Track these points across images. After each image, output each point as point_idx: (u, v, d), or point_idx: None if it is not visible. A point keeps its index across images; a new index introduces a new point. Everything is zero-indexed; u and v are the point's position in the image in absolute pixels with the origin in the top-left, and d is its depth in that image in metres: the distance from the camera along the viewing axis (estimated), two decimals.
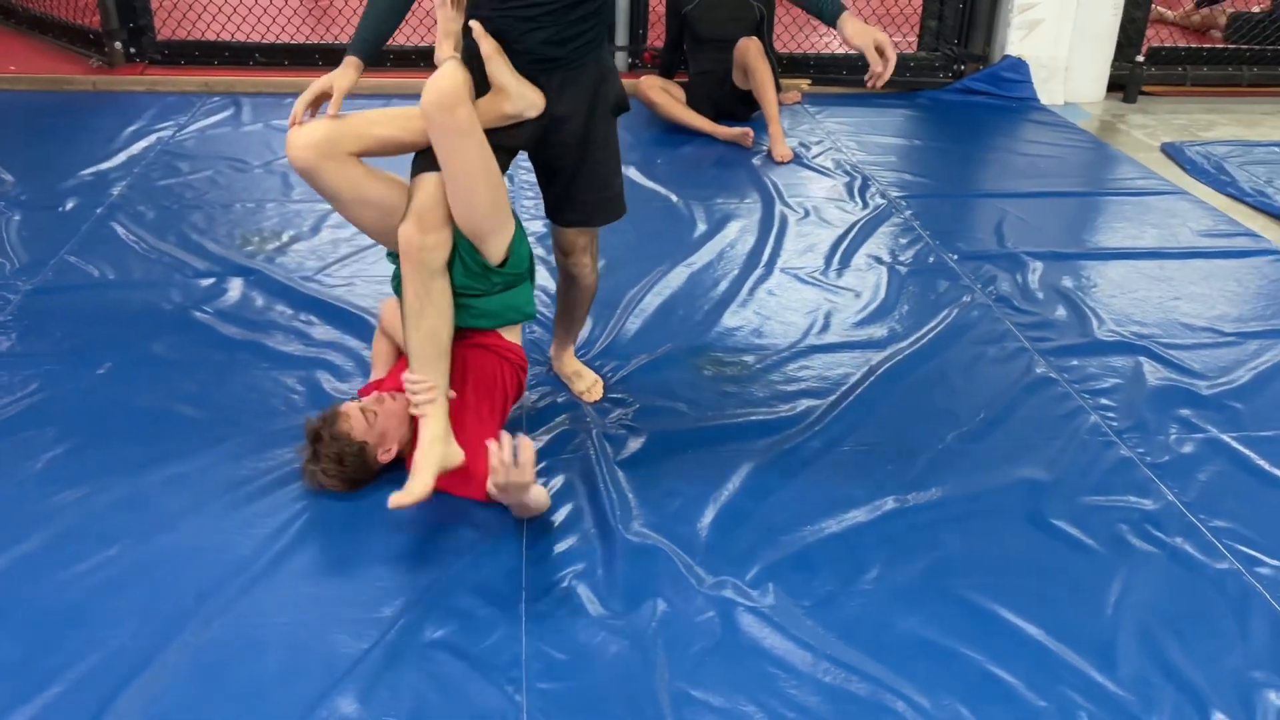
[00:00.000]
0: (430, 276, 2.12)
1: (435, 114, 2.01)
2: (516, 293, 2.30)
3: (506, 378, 2.36)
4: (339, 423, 2.22)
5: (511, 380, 2.38)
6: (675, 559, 2.11)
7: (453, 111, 2.00)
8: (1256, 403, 2.73)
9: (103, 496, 2.25)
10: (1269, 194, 4.11)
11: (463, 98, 2.02)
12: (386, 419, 2.24)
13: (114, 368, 2.72)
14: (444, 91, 1.99)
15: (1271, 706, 1.83)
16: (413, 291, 2.12)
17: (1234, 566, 2.15)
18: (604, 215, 2.40)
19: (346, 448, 2.20)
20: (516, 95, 2.14)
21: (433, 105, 2.01)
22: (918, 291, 3.28)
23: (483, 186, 2.10)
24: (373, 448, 2.24)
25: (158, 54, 5.21)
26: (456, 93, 2.00)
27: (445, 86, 2.00)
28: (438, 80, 2.01)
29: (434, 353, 2.14)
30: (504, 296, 2.29)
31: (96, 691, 1.78)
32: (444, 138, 2.04)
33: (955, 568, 2.13)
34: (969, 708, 1.80)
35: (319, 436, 2.22)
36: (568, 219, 2.39)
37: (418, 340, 2.14)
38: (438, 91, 2.00)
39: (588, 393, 2.64)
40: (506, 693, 1.81)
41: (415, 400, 2.13)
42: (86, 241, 3.40)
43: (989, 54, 5.42)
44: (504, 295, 2.28)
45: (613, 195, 2.37)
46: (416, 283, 2.12)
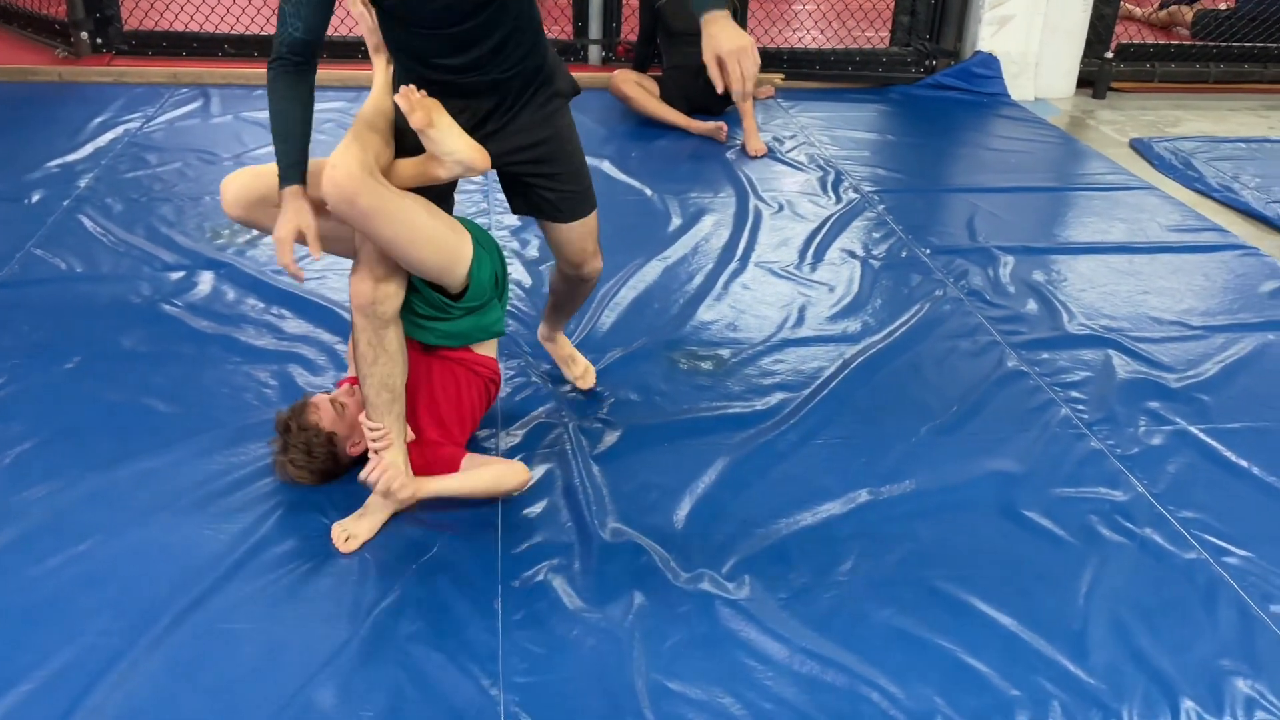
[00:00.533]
0: (383, 325, 2.06)
1: (338, 207, 1.91)
2: (483, 314, 2.25)
3: (475, 391, 2.33)
4: (307, 413, 2.21)
5: (480, 394, 2.34)
6: (651, 553, 2.12)
7: (353, 202, 1.90)
8: (1224, 395, 2.77)
9: (73, 492, 2.23)
10: (1235, 189, 4.17)
11: (359, 186, 1.89)
12: (356, 410, 2.24)
13: (82, 362, 2.68)
14: (338, 185, 1.88)
15: (1239, 694, 1.86)
16: (365, 340, 2.06)
17: (1202, 556, 2.18)
18: (586, 205, 2.32)
19: (314, 438, 2.19)
20: (451, 164, 2.03)
21: (332, 200, 1.90)
22: (890, 285, 3.30)
23: (418, 245, 2.02)
24: (342, 439, 2.23)
25: (125, 44, 5.15)
26: (350, 183, 1.88)
27: (339, 179, 1.88)
28: (330, 173, 1.89)
29: (389, 398, 2.10)
30: (471, 319, 2.25)
31: (68, 688, 1.76)
32: (356, 224, 1.95)
33: (928, 559, 2.15)
34: (943, 697, 1.82)
35: (288, 427, 2.22)
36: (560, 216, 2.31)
37: (372, 388, 2.09)
38: (332, 185, 1.88)
39: (582, 379, 2.65)
40: (483, 687, 1.80)
41: (374, 448, 2.11)
42: (53, 234, 3.36)
43: (960, 50, 5.46)
44: (470, 318, 2.25)
45: (584, 188, 2.32)
46: (369, 332, 2.05)
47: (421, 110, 1.96)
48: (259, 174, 2.10)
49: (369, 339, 2.07)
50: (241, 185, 2.09)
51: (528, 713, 1.76)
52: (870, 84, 5.42)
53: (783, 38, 5.75)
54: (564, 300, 2.59)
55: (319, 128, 4.50)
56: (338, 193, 1.89)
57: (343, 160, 1.90)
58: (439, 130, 1.99)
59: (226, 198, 2.10)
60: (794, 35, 5.91)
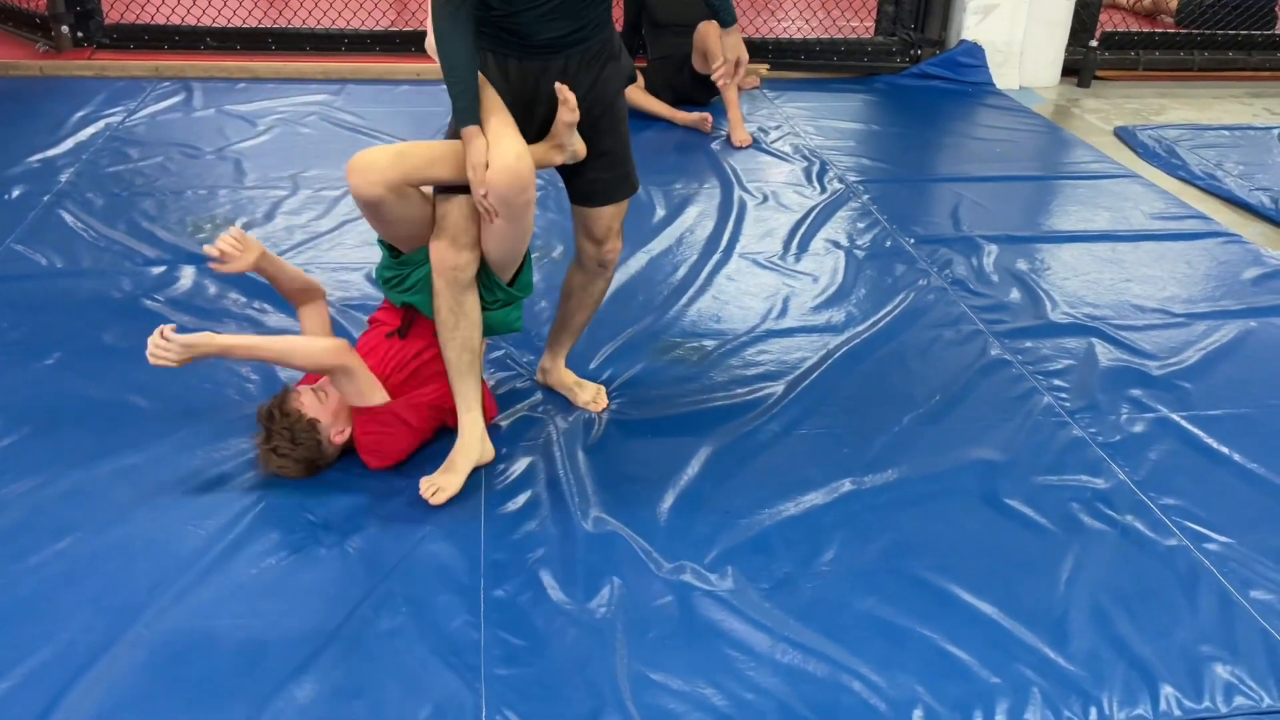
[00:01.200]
0: (462, 291, 2.19)
1: (509, 194, 2.05)
2: (509, 310, 2.34)
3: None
4: (290, 400, 2.22)
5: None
6: (634, 544, 2.12)
7: (524, 191, 2.05)
8: (1205, 382, 2.78)
9: (53, 488, 2.22)
10: (1219, 177, 4.18)
11: (534, 178, 2.07)
12: (339, 399, 2.24)
13: (63, 358, 2.67)
14: (520, 175, 2.03)
15: (1219, 680, 1.87)
16: (446, 306, 2.19)
17: (1183, 543, 2.19)
18: (625, 189, 2.35)
19: (298, 424, 2.19)
20: (570, 154, 2.20)
21: (506, 187, 2.03)
22: (875, 275, 3.30)
23: (523, 242, 2.21)
24: (325, 426, 2.23)
25: (106, 38, 5.11)
26: (530, 175, 2.05)
27: (523, 171, 2.03)
28: (516, 164, 2.02)
29: (470, 359, 2.25)
30: (501, 312, 2.32)
31: (48, 685, 1.75)
32: (511, 210, 2.08)
33: (911, 548, 2.15)
34: (924, 685, 1.83)
35: (271, 415, 2.21)
36: (596, 200, 2.33)
37: (454, 351, 2.23)
38: (514, 176, 2.02)
39: (593, 403, 2.57)
40: (465, 679, 1.80)
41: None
42: (34, 230, 3.34)
43: (945, 39, 5.46)
44: (501, 311, 2.32)
45: (630, 169, 2.35)
46: (449, 297, 2.18)
47: (574, 110, 2.12)
48: (402, 154, 2.08)
49: (450, 305, 2.18)
50: (386, 165, 2.05)
51: (509, 705, 1.76)
52: (855, 74, 5.42)
53: (768, 28, 5.74)
54: (575, 307, 2.52)
55: (301, 121, 4.51)
56: (518, 183, 2.03)
57: (525, 152, 2.05)
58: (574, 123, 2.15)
59: (369, 176, 2.04)
60: (779, 25, 5.90)
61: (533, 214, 2.15)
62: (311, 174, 3.87)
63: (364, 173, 2.05)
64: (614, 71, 2.22)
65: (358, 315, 2.93)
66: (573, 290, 2.51)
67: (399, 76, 5.05)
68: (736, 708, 1.77)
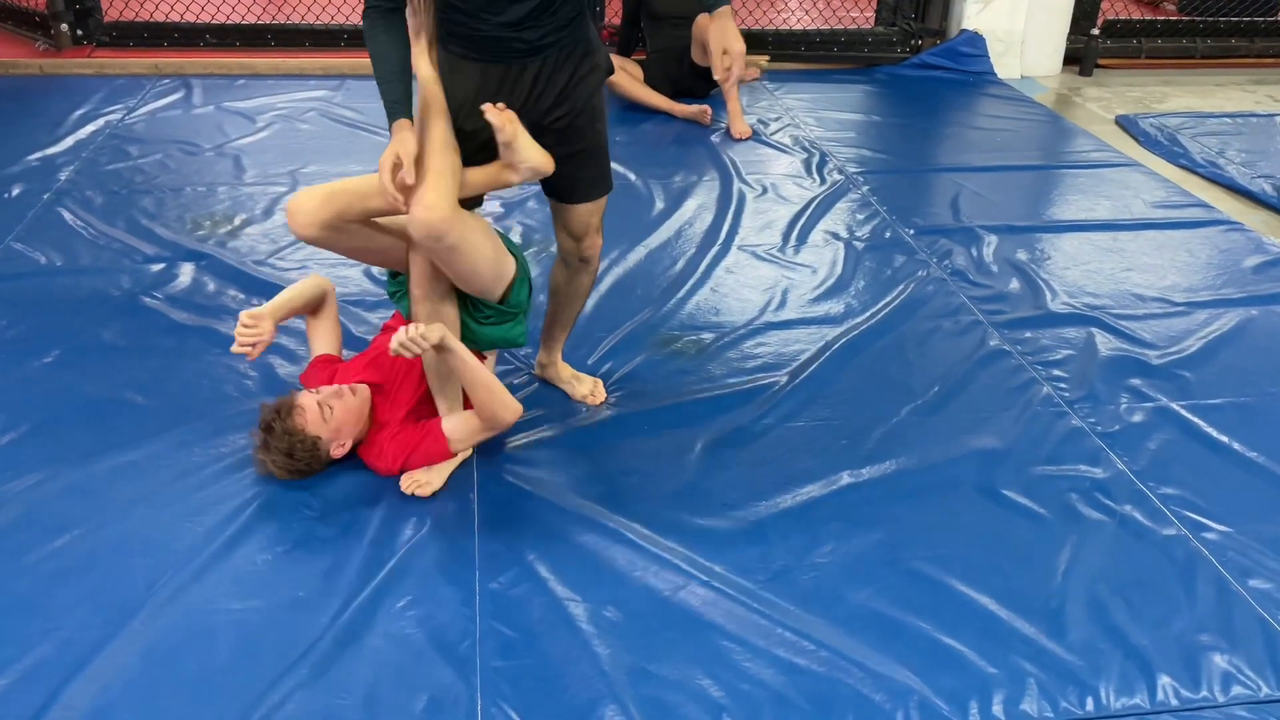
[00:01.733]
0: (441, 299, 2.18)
1: (425, 242, 2.02)
2: (509, 326, 2.32)
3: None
4: (293, 417, 2.19)
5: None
6: (630, 535, 2.12)
7: (441, 239, 2.00)
8: (1205, 371, 2.77)
9: (51, 485, 2.22)
10: (1220, 165, 4.16)
11: (451, 223, 1.99)
12: (344, 415, 2.22)
13: (62, 355, 2.68)
14: (431, 227, 1.97)
15: (1216, 669, 1.86)
16: (424, 314, 2.18)
17: (1181, 533, 2.19)
18: (602, 187, 2.35)
19: (298, 442, 2.18)
20: (525, 170, 2.13)
21: (421, 236, 2.00)
22: (874, 266, 3.30)
23: (477, 275, 2.15)
24: (326, 442, 2.22)
25: (105, 36, 5.11)
26: (445, 222, 1.98)
27: (434, 222, 1.97)
28: (425, 215, 1.96)
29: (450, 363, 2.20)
30: (498, 328, 2.30)
31: (46, 681, 1.76)
32: (437, 255, 2.06)
33: (908, 540, 2.15)
34: (921, 677, 1.83)
35: (271, 428, 2.20)
36: (573, 197, 2.33)
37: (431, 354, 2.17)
38: (424, 227, 1.97)
39: (591, 396, 2.58)
40: (461, 671, 1.81)
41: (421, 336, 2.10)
42: (33, 228, 3.34)
43: (946, 28, 5.43)
44: (497, 328, 2.30)
45: (607, 167, 2.35)
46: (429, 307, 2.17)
47: (510, 124, 2.05)
48: (334, 193, 2.08)
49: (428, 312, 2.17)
50: (318, 206, 2.05)
51: (504, 697, 1.76)
52: (856, 64, 5.40)
53: (768, 19, 5.72)
54: (564, 301, 2.52)
55: (301, 117, 4.51)
56: (428, 232, 1.99)
57: (437, 201, 1.98)
58: (520, 140, 2.08)
59: (300, 219, 2.04)
60: (779, 16, 5.89)
61: (471, 250, 2.07)
62: (311, 170, 3.87)
63: (295, 215, 2.05)
64: (590, 69, 2.19)
65: (356, 311, 2.93)
66: (559, 286, 2.51)
67: None
68: (733, 699, 1.78)
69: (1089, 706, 1.79)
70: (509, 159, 2.12)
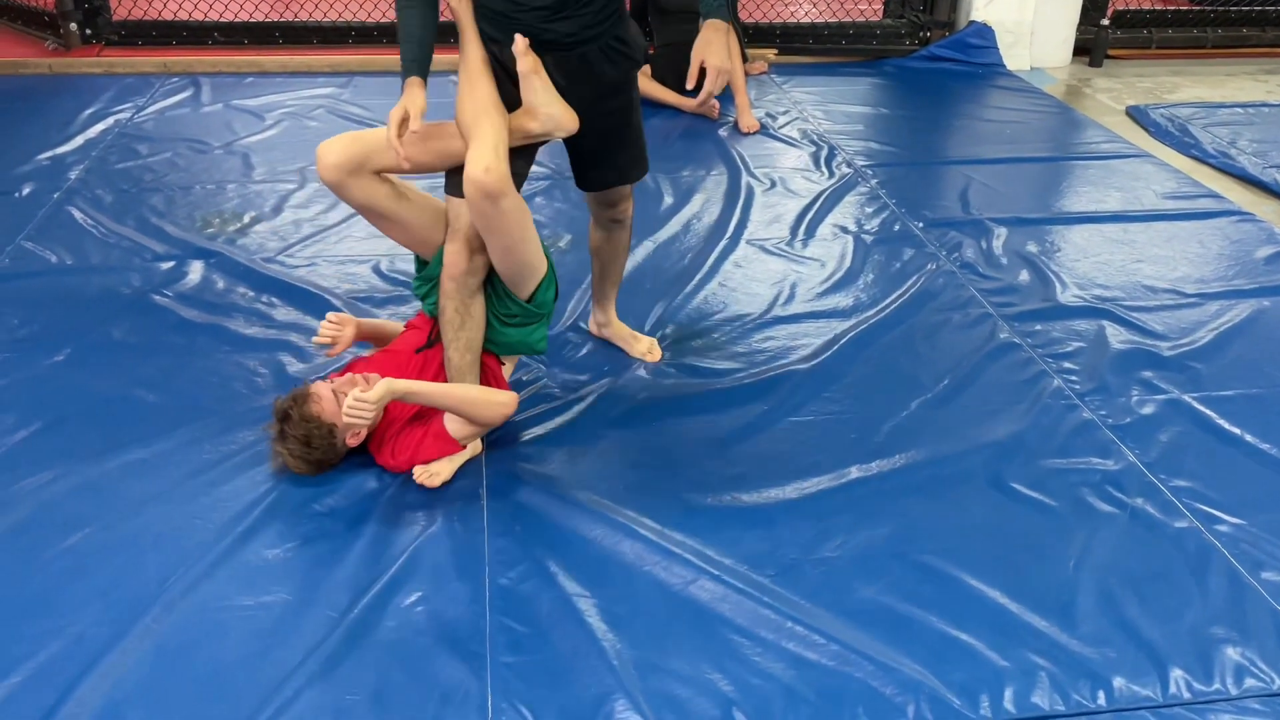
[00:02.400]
0: (471, 294, 2.20)
1: (480, 204, 2.02)
2: (532, 329, 2.33)
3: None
4: (309, 404, 2.20)
5: None
6: (639, 529, 2.12)
7: (498, 200, 2.01)
8: (1217, 363, 2.75)
9: (63, 483, 2.23)
10: (1232, 155, 4.14)
11: (506, 188, 2.01)
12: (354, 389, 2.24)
13: (72, 354, 2.69)
14: (487, 188, 1.99)
15: (1229, 662, 1.86)
16: (453, 308, 2.20)
17: (1193, 525, 2.18)
18: (638, 171, 2.43)
19: (315, 430, 2.19)
20: (545, 117, 2.14)
21: (478, 197, 2.01)
22: (883, 260, 3.29)
23: (520, 249, 2.16)
24: (342, 431, 2.22)
25: (114, 34, 5.13)
26: (500, 185, 1.99)
27: (490, 183, 1.98)
28: (482, 176, 1.98)
29: (471, 359, 2.26)
30: (520, 331, 2.31)
31: (59, 678, 1.77)
32: (483, 220, 2.06)
33: (918, 533, 2.14)
34: (931, 670, 1.82)
35: (287, 416, 2.21)
36: (606, 181, 2.39)
37: (458, 351, 2.23)
38: (480, 187, 1.99)
39: (649, 353, 2.69)
40: (471, 667, 1.81)
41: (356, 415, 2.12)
42: (43, 227, 3.35)
43: (954, 20, 5.41)
44: (520, 330, 2.31)
45: (643, 149, 2.41)
46: (458, 299, 2.19)
47: (531, 54, 2.08)
48: (358, 138, 2.13)
49: (457, 306, 2.19)
50: (341, 149, 2.10)
51: (515, 693, 1.76)
52: (864, 57, 5.38)
53: (775, 12, 5.71)
54: (605, 257, 2.61)
55: (309, 114, 4.51)
56: (485, 193, 2.00)
57: (496, 163, 1.99)
58: (541, 79, 2.10)
59: (325, 161, 2.10)
60: (787, 9, 5.87)
61: (520, 222, 2.10)
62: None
63: (321, 157, 2.10)
64: (628, 62, 2.23)
65: (365, 308, 2.93)
66: (599, 246, 2.61)
67: None
68: (743, 693, 1.77)
69: (1100, 700, 1.78)
70: (528, 99, 2.13)
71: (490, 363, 2.35)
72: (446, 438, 2.22)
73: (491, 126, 2.05)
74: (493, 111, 2.08)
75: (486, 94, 2.10)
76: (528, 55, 2.09)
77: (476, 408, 2.21)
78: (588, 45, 2.14)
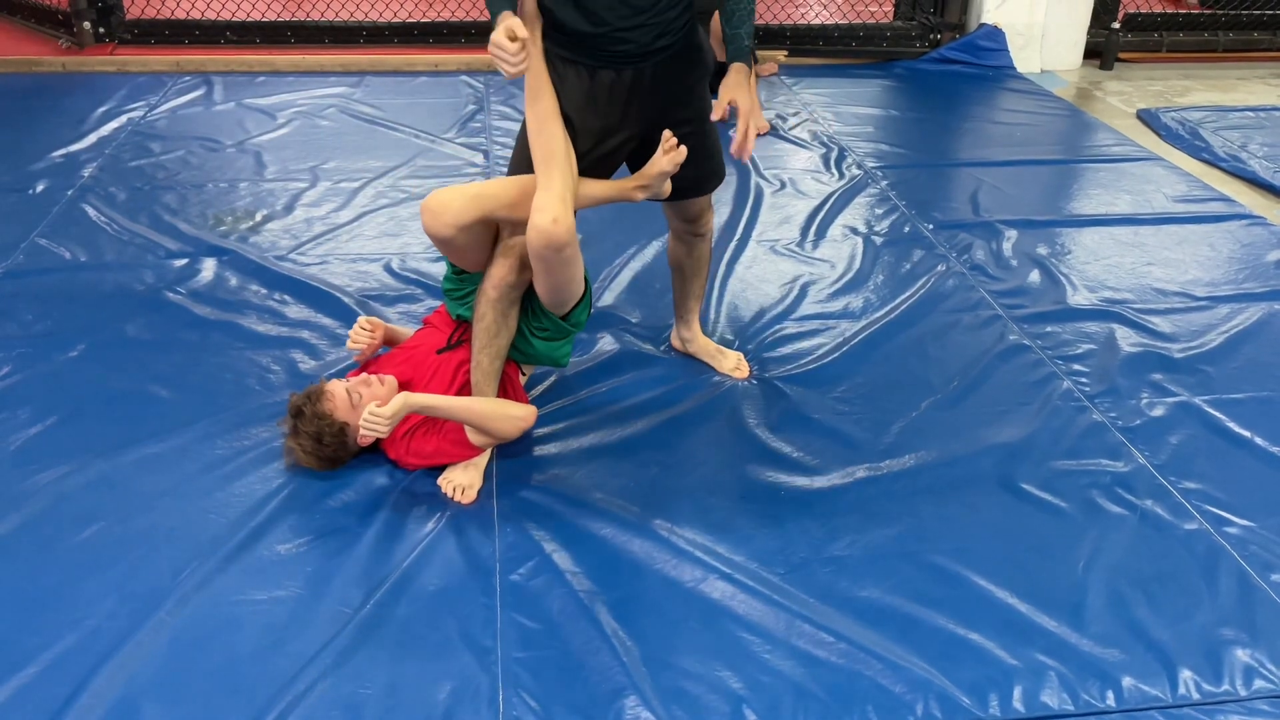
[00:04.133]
0: (511, 305, 2.22)
1: (543, 252, 2.04)
2: (560, 344, 2.36)
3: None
4: (322, 402, 2.22)
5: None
6: (650, 527, 2.13)
7: (560, 251, 2.05)
8: (1227, 366, 2.75)
9: (78, 478, 2.25)
10: (1243, 159, 4.13)
11: (573, 235, 2.05)
12: (371, 402, 2.24)
13: (87, 349, 2.70)
14: (553, 238, 2.01)
15: (1238, 663, 1.86)
16: (493, 317, 2.21)
17: (1203, 527, 2.18)
18: (713, 181, 2.43)
19: (327, 427, 2.20)
20: (654, 192, 2.23)
21: (540, 248, 2.03)
22: (893, 261, 3.29)
23: (567, 288, 2.19)
24: (354, 429, 2.24)
25: (127, 33, 5.16)
26: (567, 236, 2.02)
27: (558, 235, 2.01)
28: (550, 226, 2.00)
29: (499, 366, 2.27)
30: (548, 345, 2.33)
31: (73, 671, 1.78)
32: (545, 266, 2.10)
33: (928, 534, 2.15)
34: (940, 669, 1.83)
35: (300, 413, 2.22)
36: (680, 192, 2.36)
37: (489, 357, 2.24)
38: (545, 238, 2.01)
39: (737, 370, 2.66)
40: (482, 663, 1.82)
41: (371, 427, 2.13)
42: (57, 224, 3.38)
43: (965, 22, 5.41)
44: (548, 344, 2.33)
45: (719, 159, 2.41)
46: (499, 309, 2.21)
47: (681, 153, 2.15)
48: (479, 197, 2.09)
49: (496, 317, 2.21)
50: (462, 209, 2.06)
51: (525, 689, 1.77)
52: (874, 59, 5.38)
53: (785, 14, 5.72)
54: (687, 271, 2.60)
55: (321, 113, 4.53)
56: (550, 244, 2.02)
57: (564, 214, 2.02)
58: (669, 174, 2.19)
59: (445, 219, 2.05)
60: (797, 11, 5.88)
61: (576, 264, 2.13)
62: (331, 166, 3.89)
63: (441, 214, 2.06)
64: (700, 72, 2.24)
65: (376, 306, 2.95)
66: (680, 261, 2.60)
67: (417, 68, 5.07)
68: (753, 690, 1.78)
69: (1109, 700, 1.79)
70: (648, 182, 2.20)
71: (510, 370, 2.35)
72: (464, 443, 2.22)
73: (560, 174, 2.06)
74: (561, 157, 2.08)
75: (557, 139, 2.09)
76: (680, 152, 2.14)
77: (494, 422, 2.22)
78: (662, 54, 2.14)
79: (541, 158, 2.08)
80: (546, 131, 2.09)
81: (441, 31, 5.28)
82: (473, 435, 2.22)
